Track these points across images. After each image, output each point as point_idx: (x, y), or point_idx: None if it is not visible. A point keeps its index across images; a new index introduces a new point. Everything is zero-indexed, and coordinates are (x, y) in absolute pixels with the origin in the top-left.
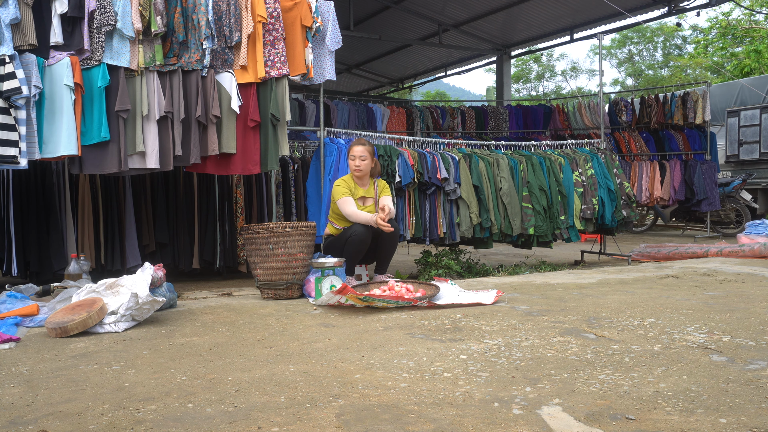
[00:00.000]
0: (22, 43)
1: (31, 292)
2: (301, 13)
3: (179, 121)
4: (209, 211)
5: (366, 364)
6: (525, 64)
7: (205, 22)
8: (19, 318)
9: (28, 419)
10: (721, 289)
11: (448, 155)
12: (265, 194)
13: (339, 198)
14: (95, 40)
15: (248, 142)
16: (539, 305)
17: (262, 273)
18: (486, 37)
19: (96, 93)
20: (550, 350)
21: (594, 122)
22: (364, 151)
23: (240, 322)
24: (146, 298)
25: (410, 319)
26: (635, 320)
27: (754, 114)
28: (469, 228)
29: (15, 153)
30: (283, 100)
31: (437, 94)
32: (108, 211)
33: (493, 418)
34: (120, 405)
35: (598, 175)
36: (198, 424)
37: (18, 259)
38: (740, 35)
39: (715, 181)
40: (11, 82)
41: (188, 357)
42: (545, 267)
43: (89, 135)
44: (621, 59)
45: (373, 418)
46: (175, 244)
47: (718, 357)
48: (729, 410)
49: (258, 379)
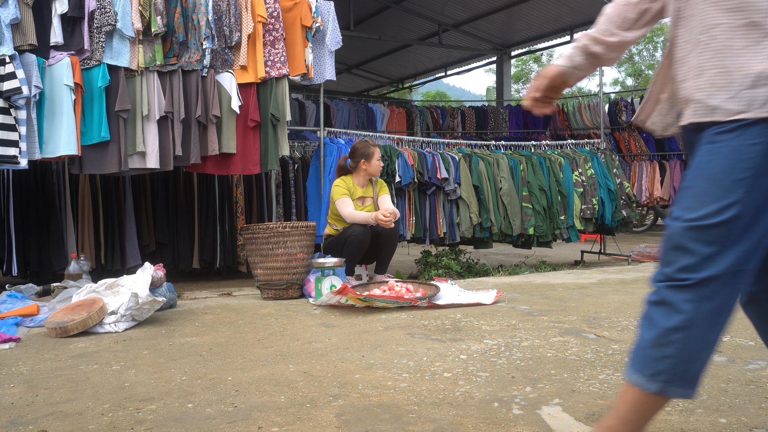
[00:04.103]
0: (22, 43)
1: (31, 292)
2: (301, 13)
3: (179, 121)
4: (209, 211)
5: (366, 364)
6: (525, 64)
7: (205, 22)
8: (19, 318)
9: (28, 419)
10: None
11: (448, 155)
12: (265, 194)
13: (337, 198)
14: (95, 40)
15: (248, 142)
16: (539, 305)
17: (262, 273)
18: (486, 37)
19: (96, 93)
20: (550, 350)
21: (594, 122)
22: (380, 152)
23: (240, 322)
24: (146, 298)
25: (410, 319)
26: (635, 320)
27: None
28: (469, 228)
29: (15, 153)
30: (283, 100)
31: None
32: (108, 211)
33: (493, 418)
34: (120, 405)
35: (598, 175)
36: (198, 424)
37: (18, 259)
38: None
39: None
40: (11, 82)
41: (188, 357)
42: (545, 267)
43: (89, 135)
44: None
45: (373, 418)
46: (175, 244)
47: (718, 357)
48: (729, 410)
49: (258, 379)
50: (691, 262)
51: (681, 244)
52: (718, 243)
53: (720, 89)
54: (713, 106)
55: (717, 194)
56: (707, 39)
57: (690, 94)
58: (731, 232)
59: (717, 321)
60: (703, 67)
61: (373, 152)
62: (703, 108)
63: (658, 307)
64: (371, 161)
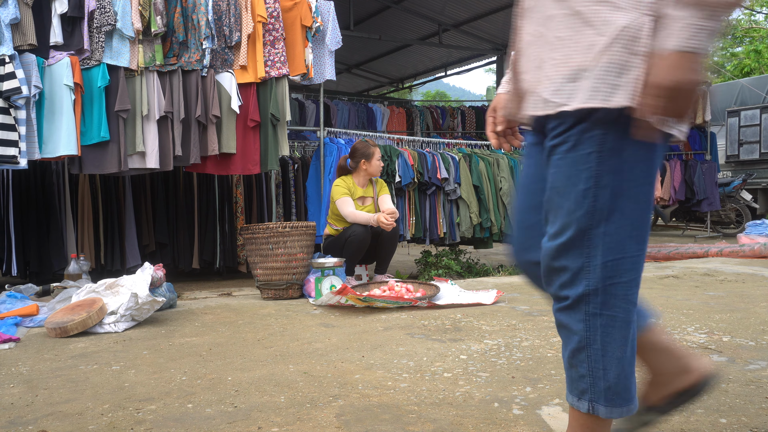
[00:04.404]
0: (22, 43)
1: (30, 292)
2: (301, 13)
3: (179, 121)
4: (209, 211)
5: (366, 364)
6: None
7: (205, 22)
8: (19, 318)
9: (28, 419)
10: (722, 289)
11: (448, 155)
12: (265, 194)
13: (338, 198)
14: (95, 40)
15: (248, 142)
16: (539, 305)
17: (262, 273)
18: (486, 37)
19: (96, 93)
20: (550, 350)
21: None
22: (380, 152)
23: (240, 322)
24: (146, 298)
25: (410, 319)
26: None
27: (754, 114)
28: (469, 228)
29: (15, 153)
30: (283, 100)
31: (437, 94)
32: (108, 211)
33: (493, 418)
34: (120, 405)
35: None
36: (198, 424)
37: (18, 259)
38: (740, 35)
39: (715, 181)
40: (11, 82)
41: (188, 357)
42: None
43: (89, 135)
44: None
45: (373, 418)
46: (175, 244)
47: (718, 357)
48: (729, 410)
49: (258, 379)
50: (567, 278)
51: (553, 262)
52: (583, 255)
53: (551, 81)
54: (545, 99)
55: (567, 207)
56: (544, 30)
57: (528, 86)
58: (591, 241)
59: (615, 335)
60: (539, 58)
61: (373, 152)
62: (538, 100)
63: (560, 330)
64: (371, 161)
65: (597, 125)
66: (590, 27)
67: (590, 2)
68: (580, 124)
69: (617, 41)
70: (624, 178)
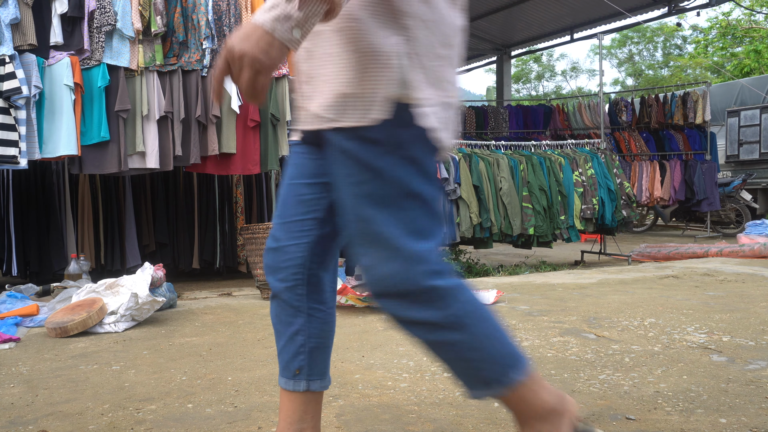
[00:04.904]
0: (22, 43)
1: (31, 292)
2: None
3: (179, 121)
4: (209, 211)
5: (366, 364)
6: (525, 64)
7: (205, 22)
8: (19, 318)
9: (28, 419)
10: (721, 289)
11: (448, 155)
12: (265, 194)
13: None
14: (95, 40)
15: (248, 142)
16: (539, 305)
17: (262, 273)
18: (486, 37)
19: (96, 93)
20: (550, 350)
21: (594, 122)
22: None
23: (240, 322)
24: (146, 298)
25: None
26: (635, 320)
27: (754, 114)
28: (469, 228)
29: (15, 153)
30: (283, 100)
31: None
32: (108, 211)
33: (493, 418)
34: (120, 405)
35: (598, 175)
36: (198, 424)
37: (18, 259)
38: (740, 35)
39: (715, 181)
40: (11, 82)
41: (188, 357)
42: (545, 267)
43: (89, 135)
44: (621, 59)
45: (373, 418)
46: (175, 244)
47: (718, 357)
48: (729, 410)
49: (258, 379)
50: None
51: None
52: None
53: (322, 96)
54: (314, 114)
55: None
56: (311, 46)
57: (301, 102)
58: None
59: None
60: (309, 74)
61: None
62: (310, 116)
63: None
64: None
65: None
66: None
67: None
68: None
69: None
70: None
